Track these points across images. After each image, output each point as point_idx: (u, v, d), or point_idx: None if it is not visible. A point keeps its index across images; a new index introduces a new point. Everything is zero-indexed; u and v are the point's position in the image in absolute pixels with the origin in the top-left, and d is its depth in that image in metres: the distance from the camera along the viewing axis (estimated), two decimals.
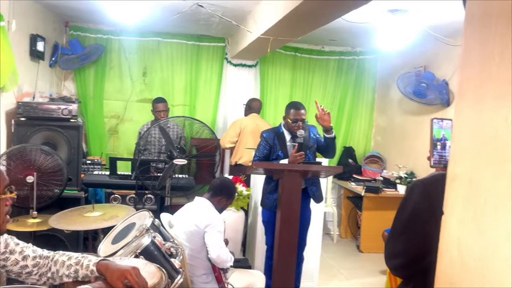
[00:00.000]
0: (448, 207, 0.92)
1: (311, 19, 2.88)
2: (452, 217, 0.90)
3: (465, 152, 0.88)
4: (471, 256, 0.84)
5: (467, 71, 0.89)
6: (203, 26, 4.69)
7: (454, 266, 0.89)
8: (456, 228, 0.89)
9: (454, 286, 0.89)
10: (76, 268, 1.43)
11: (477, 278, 0.82)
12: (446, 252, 0.92)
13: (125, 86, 5.22)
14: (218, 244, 2.68)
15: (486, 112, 0.82)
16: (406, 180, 4.96)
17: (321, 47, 5.66)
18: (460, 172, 0.88)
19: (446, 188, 0.93)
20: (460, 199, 0.88)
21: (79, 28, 5.01)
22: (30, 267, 1.44)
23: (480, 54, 0.85)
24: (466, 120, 0.88)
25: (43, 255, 1.48)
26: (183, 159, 3.39)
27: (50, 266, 1.45)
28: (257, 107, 4.86)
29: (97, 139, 5.15)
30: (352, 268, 4.58)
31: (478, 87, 0.85)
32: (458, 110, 0.91)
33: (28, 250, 1.46)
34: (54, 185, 3.22)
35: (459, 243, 0.88)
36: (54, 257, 1.47)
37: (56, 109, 3.54)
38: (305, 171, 3.05)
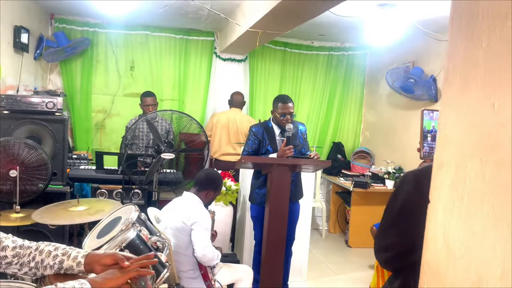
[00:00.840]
0: (434, 196, 0.91)
1: (300, 12, 2.86)
2: (439, 205, 0.89)
3: (452, 139, 0.87)
4: (457, 244, 0.83)
5: (453, 57, 0.87)
6: (191, 19, 4.64)
7: (439, 254, 0.88)
8: (442, 216, 0.88)
9: (439, 275, 0.88)
10: (62, 259, 1.40)
11: (463, 266, 0.81)
12: (432, 241, 0.91)
13: (112, 80, 5.15)
14: (204, 243, 2.64)
15: (473, 98, 0.80)
16: (394, 175, 4.99)
17: (310, 42, 5.65)
18: (447, 159, 0.87)
19: (432, 176, 0.91)
20: (446, 187, 0.87)
21: (65, 21, 4.92)
22: (9, 258, 1.40)
23: (466, 39, 0.83)
24: (452, 107, 0.87)
25: (24, 245, 1.44)
26: (171, 153, 3.35)
27: (34, 256, 1.42)
28: (238, 101, 4.84)
29: (83, 134, 5.08)
30: (340, 263, 4.59)
31: (465, 73, 0.83)
32: (445, 97, 0.90)
33: (7, 241, 1.42)
34: (38, 179, 3.16)
35: (445, 232, 0.86)
36: (39, 247, 1.44)
37: (40, 103, 3.48)
38: (294, 165, 3.04)
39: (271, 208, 3.08)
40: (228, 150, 4.65)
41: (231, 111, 4.80)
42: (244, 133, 4.69)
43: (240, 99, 4.86)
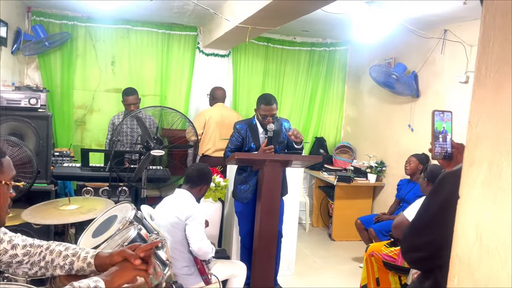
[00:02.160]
0: (465, 192, 0.93)
1: (292, 9, 2.87)
2: (470, 201, 0.92)
3: (485, 137, 0.89)
4: (492, 239, 0.85)
5: (485, 57, 0.90)
6: (175, 14, 4.58)
7: (471, 249, 0.91)
8: (474, 212, 0.90)
9: (471, 270, 0.90)
10: (72, 260, 1.37)
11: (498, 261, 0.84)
12: (463, 236, 0.93)
13: (92, 75, 5.03)
14: (199, 236, 2.64)
15: (508, 98, 0.83)
16: (376, 169, 5.09)
17: (293, 37, 5.67)
18: (479, 156, 0.90)
19: (463, 172, 0.94)
20: (479, 183, 0.89)
21: (42, 14, 4.76)
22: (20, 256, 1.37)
23: (500, 40, 0.86)
24: (485, 106, 0.89)
25: (34, 244, 1.41)
26: (161, 150, 3.31)
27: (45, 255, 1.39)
28: (221, 96, 4.80)
29: (64, 130, 4.95)
30: (326, 257, 4.66)
31: (499, 73, 0.86)
32: (476, 96, 0.92)
33: (17, 239, 1.40)
34: (22, 178, 3.06)
35: (478, 226, 0.89)
36: (49, 246, 1.41)
37: (23, 98, 3.36)
38: (286, 160, 3.06)
39: (263, 204, 3.09)
40: (222, 146, 4.60)
41: (220, 107, 4.73)
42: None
43: (223, 94, 4.82)
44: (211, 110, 4.73)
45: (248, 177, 3.34)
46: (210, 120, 4.59)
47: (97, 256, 1.40)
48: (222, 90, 4.82)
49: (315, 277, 4.13)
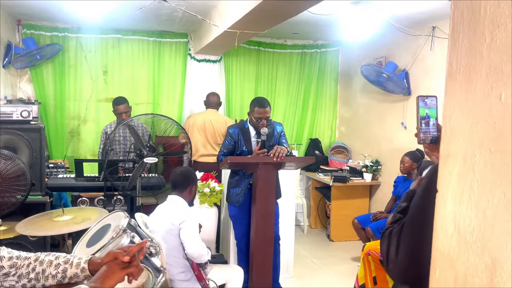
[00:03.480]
0: (442, 184, 0.94)
1: (279, 12, 2.89)
2: (447, 194, 0.93)
3: (458, 131, 0.91)
4: (469, 230, 0.86)
5: (456, 52, 0.91)
6: (165, 21, 4.60)
7: (450, 241, 0.92)
8: (451, 204, 0.91)
9: (452, 260, 0.92)
10: (65, 267, 1.37)
11: (475, 251, 0.85)
12: (442, 228, 0.95)
13: (85, 86, 5.04)
14: (194, 239, 2.65)
15: (479, 91, 0.84)
16: (372, 168, 5.10)
17: (283, 40, 5.70)
18: (454, 150, 0.91)
19: (439, 166, 0.95)
20: (454, 176, 0.91)
21: (33, 26, 4.77)
22: (6, 268, 1.36)
23: (469, 35, 0.87)
24: (457, 100, 0.91)
25: (21, 256, 1.40)
26: (154, 157, 3.32)
27: (34, 267, 1.38)
28: (214, 101, 4.82)
29: (58, 142, 4.95)
30: (324, 257, 4.66)
31: (469, 67, 0.88)
32: (448, 90, 0.94)
33: (2, 252, 1.38)
34: (17, 191, 3.06)
35: (455, 219, 0.90)
36: (38, 258, 1.40)
37: (14, 111, 3.37)
38: (279, 163, 3.07)
39: (258, 207, 3.10)
40: (205, 151, 4.62)
41: (207, 112, 4.78)
42: (221, 134, 4.68)
43: (216, 100, 4.84)
44: (196, 116, 4.78)
45: (240, 180, 3.35)
46: (194, 126, 4.62)
47: (90, 261, 1.40)
48: (214, 96, 4.83)
49: (314, 278, 4.13)
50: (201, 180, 3.80)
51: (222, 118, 4.82)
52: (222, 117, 4.84)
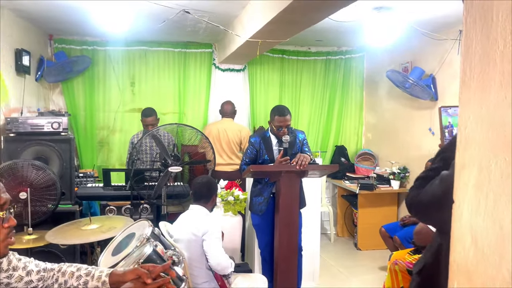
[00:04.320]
0: (459, 195, 0.92)
1: (299, 20, 2.90)
2: (464, 205, 0.90)
3: (473, 140, 0.88)
4: (486, 243, 0.84)
5: (469, 59, 0.89)
6: (189, 32, 4.68)
7: (468, 254, 0.89)
8: (468, 216, 0.89)
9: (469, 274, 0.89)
10: (86, 279, 1.40)
11: (493, 264, 0.82)
12: (459, 241, 0.92)
13: (113, 97, 5.18)
14: (217, 251, 2.65)
15: (493, 99, 0.82)
16: (399, 176, 5.00)
17: (307, 48, 5.69)
18: (469, 160, 0.89)
19: (455, 177, 0.93)
20: (470, 186, 0.88)
21: (64, 41, 4.96)
22: (35, 282, 1.40)
23: (482, 42, 0.85)
24: (471, 108, 0.88)
25: (47, 268, 1.44)
26: (178, 166, 3.36)
27: (57, 278, 1.42)
28: (229, 110, 4.84)
29: (88, 152, 5.10)
30: (351, 266, 4.59)
31: (482, 74, 0.85)
32: (462, 99, 0.92)
33: (31, 265, 1.43)
34: (48, 200, 3.17)
35: (472, 231, 0.88)
36: (61, 269, 1.44)
37: (46, 123, 3.50)
38: (302, 171, 3.05)
39: (281, 216, 3.09)
40: (220, 160, 4.63)
41: (222, 122, 4.82)
42: (236, 142, 4.70)
43: (231, 109, 4.86)
44: (211, 125, 4.84)
45: (262, 189, 3.35)
46: (209, 136, 4.65)
47: (111, 274, 1.43)
48: (229, 104, 4.86)
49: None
50: (225, 189, 3.82)
51: (237, 126, 4.83)
52: (237, 126, 4.85)
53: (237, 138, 4.67)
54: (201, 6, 3.52)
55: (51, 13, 3.88)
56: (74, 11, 3.73)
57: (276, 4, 2.71)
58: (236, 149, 4.72)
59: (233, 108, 4.86)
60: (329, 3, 2.47)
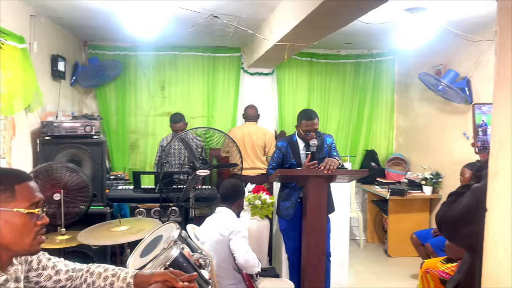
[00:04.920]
0: (492, 203, 0.88)
1: (327, 23, 2.87)
2: (497, 214, 0.86)
3: (506, 145, 0.84)
4: None
5: (503, 60, 0.85)
6: (218, 37, 4.72)
7: (500, 265, 0.85)
8: (502, 225, 0.85)
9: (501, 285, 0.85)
10: (112, 280, 1.43)
11: None
12: (492, 250, 0.88)
13: (144, 101, 5.29)
14: (244, 249, 2.67)
15: None
16: (432, 181, 4.86)
17: (337, 51, 5.63)
18: (503, 166, 0.85)
19: (488, 183, 0.89)
20: (504, 194, 0.84)
21: (97, 46, 5.11)
22: (63, 281, 1.44)
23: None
24: (505, 111, 0.84)
25: (75, 268, 1.48)
26: (206, 169, 3.39)
27: (86, 278, 1.46)
28: (252, 114, 4.83)
29: (120, 155, 5.21)
30: (381, 273, 4.49)
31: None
32: (496, 101, 0.87)
33: (60, 265, 1.47)
34: (80, 201, 3.25)
35: (505, 241, 0.83)
36: (89, 269, 1.48)
37: (79, 127, 3.60)
38: (330, 176, 3.01)
39: (309, 221, 3.05)
40: (244, 165, 4.61)
41: (246, 126, 4.81)
42: (260, 146, 4.68)
43: (254, 113, 4.86)
44: (235, 130, 4.83)
45: (290, 193, 3.32)
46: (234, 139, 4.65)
47: (136, 275, 1.45)
48: (252, 108, 4.86)
49: None
50: (252, 192, 3.82)
51: (261, 130, 4.81)
52: (261, 129, 4.83)
53: (261, 141, 4.66)
54: (229, 10, 3.54)
55: (85, 19, 4.00)
56: (106, 17, 3.84)
57: (304, 7, 2.69)
58: (261, 153, 4.70)
59: (256, 112, 4.86)
60: (357, 5, 2.43)
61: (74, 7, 3.56)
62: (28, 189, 1.27)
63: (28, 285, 1.40)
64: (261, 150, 4.69)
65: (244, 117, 4.89)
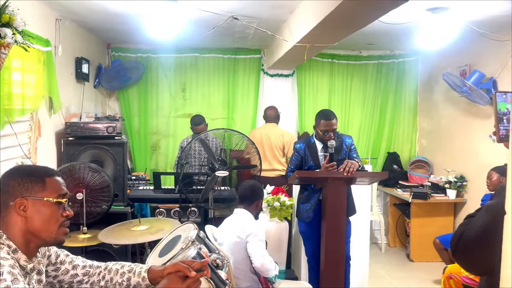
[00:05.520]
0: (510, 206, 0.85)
1: (347, 23, 2.84)
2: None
3: None
4: None
5: None
6: (238, 39, 4.74)
7: None
8: None
9: None
10: (129, 276, 1.47)
11: None
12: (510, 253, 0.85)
13: (166, 103, 5.36)
14: (261, 253, 2.66)
15: None
16: (456, 185, 4.74)
17: (358, 52, 5.57)
18: None
19: (507, 185, 0.86)
20: None
21: (120, 49, 5.20)
22: (80, 276, 1.48)
23: None
24: None
25: (93, 265, 1.52)
26: (225, 170, 3.40)
27: (104, 275, 1.49)
28: (272, 116, 4.77)
29: (141, 155, 5.29)
30: (402, 278, 4.41)
31: None
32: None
33: (77, 260, 1.52)
34: (102, 201, 3.32)
35: None
36: (107, 266, 1.52)
37: (101, 128, 3.67)
38: (350, 178, 2.97)
39: (328, 223, 3.02)
40: (264, 166, 4.58)
41: (266, 127, 4.78)
42: (279, 147, 4.64)
43: (274, 114, 4.80)
44: (255, 131, 4.82)
45: (309, 195, 3.30)
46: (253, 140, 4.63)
47: (150, 270, 1.48)
48: (272, 110, 4.81)
49: None
50: (271, 194, 3.81)
51: (280, 131, 4.76)
52: (280, 130, 4.79)
53: (279, 143, 4.63)
54: (249, 12, 3.55)
55: (108, 23, 4.08)
56: (128, 19, 3.90)
57: (323, 8, 2.67)
58: (280, 155, 4.67)
59: (276, 113, 4.82)
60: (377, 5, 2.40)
61: (97, 11, 3.63)
62: (56, 182, 1.37)
63: (47, 279, 1.44)
64: (279, 151, 4.66)
65: (264, 118, 4.88)
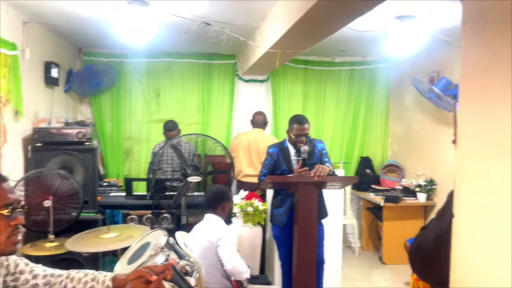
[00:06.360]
0: (459, 209, 0.88)
1: (316, 30, 2.88)
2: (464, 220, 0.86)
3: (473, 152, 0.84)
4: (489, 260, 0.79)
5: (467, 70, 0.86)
6: (212, 44, 4.74)
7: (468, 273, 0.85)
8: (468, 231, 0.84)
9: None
10: (92, 284, 1.44)
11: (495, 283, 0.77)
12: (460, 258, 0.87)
13: (139, 108, 5.29)
14: (232, 255, 2.67)
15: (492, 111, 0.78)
16: (426, 188, 4.85)
17: (331, 58, 5.65)
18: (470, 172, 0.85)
19: (455, 189, 0.89)
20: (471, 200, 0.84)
21: (92, 54, 5.12)
22: (41, 286, 1.44)
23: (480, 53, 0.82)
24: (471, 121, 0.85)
25: (54, 274, 1.48)
26: (198, 176, 3.38)
27: (66, 284, 1.46)
28: (260, 121, 4.82)
29: (114, 161, 5.21)
30: (375, 281, 4.47)
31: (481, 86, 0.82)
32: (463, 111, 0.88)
33: (38, 270, 1.47)
34: (71, 208, 3.25)
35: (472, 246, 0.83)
36: (69, 275, 1.48)
37: (71, 133, 3.60)
38: (321, 182, 3.00)
39: (300, 228, 3.04)
40: (250, 171, 4.60)
41: (253, 132, 4.81)
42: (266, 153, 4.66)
43: (262, 119, 4.85)
44: (242, 135, 4.82)
45: (283, 200, 3.32)
46: (239, 146, 4.64)
47: (114, 278, 1.46)
48: (260, 115, 4.85)
49: None
50: (245, 199, 3.81)
51: (268, 137, 4.80)
52: (268, 136, 4.83)
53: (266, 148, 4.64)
54: (222, 17, 3.55)
55: (79, 27, 4.02)
56: (99, 24, 3.85)
57: (293, 14, 2.71)
58: None
59: (264, 119, 4.84)
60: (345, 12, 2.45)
61: (66, 14, 3.57)
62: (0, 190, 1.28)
63: None
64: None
65: (252, 123, 4.88)
